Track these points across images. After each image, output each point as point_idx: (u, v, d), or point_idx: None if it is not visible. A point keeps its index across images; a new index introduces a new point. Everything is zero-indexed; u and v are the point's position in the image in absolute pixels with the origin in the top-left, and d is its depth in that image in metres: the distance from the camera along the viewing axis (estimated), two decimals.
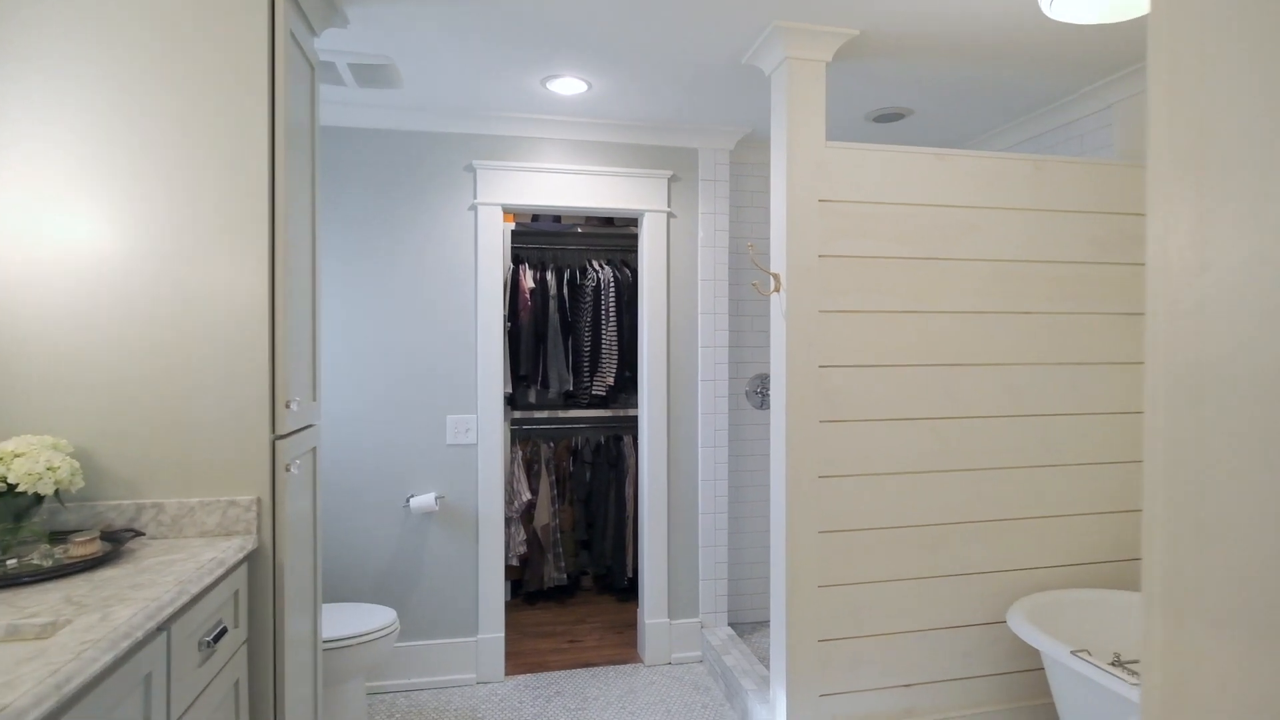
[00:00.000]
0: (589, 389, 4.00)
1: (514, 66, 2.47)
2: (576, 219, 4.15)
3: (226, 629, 1.45)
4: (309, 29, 1.93)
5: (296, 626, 1.79)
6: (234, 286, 1.64)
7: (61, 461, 1.41)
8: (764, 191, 3.46)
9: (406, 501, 2.94)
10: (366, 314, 2.93)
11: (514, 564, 3.89)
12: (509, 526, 3.85)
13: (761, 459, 3.50)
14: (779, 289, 2.28)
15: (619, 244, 4.33)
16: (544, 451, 4.03)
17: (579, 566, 4.24)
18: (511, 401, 4.13)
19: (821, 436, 2.26)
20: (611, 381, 3.95)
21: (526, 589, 3.98)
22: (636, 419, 4.20)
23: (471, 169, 3.00)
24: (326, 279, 2.89)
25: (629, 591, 4.14)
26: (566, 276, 4.03)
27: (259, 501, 1.63)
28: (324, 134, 2.89)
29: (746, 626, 3.46)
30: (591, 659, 3.26)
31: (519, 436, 4.17)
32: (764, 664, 2.95)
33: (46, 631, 1.09)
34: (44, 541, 1.42)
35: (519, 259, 4.06)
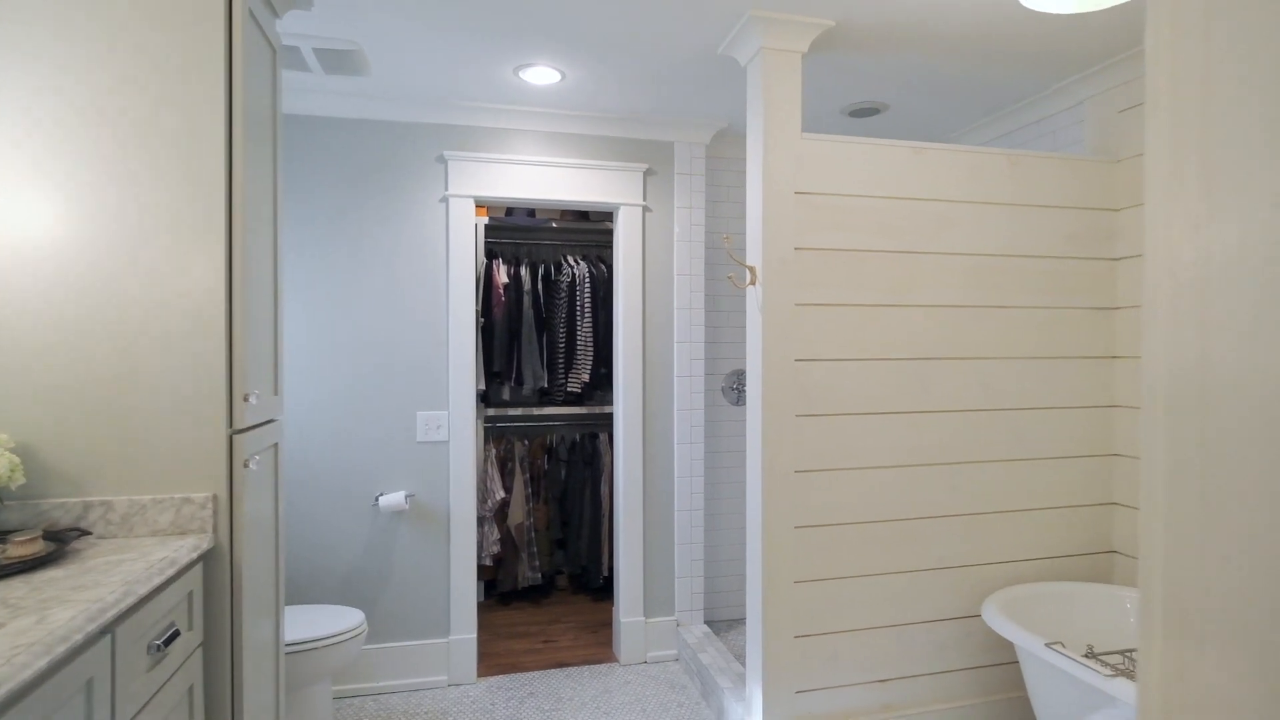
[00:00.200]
0: (564, 386, 3.95)
1: (486, 54, 2.42)
2: (551, 213, 4.10)
3: (179, 632, 1.39)
4: (270, 10, 1.86)
5: (256, 629, 1.72)
6: (189, 276, 1.56)
7: (0, 456, 1.33)
8: (740, 186, 3.44)
9: (376, 500, 2.87)
10: (334, 308, 2.85)
11: (488, 564, 3.83)
12: (482, 526, 3.79)
13: (738, 455, 3.48)
14: (755, 282, 2.25)
15: (594, 239, 4.28)
16: (518, 449, 3.97)
17: (554, 566, 4.18)
18: (485, 399, 4.07)
19: (798, 431, 2.24)
20: (587, 378, 3.90)
21: (500, 589, 3.92)
22: (612, 416, 4.16)
23: (443, 160, 2.93)
24: (292, 271, 2.81)
25: (604, 590, 4.10)
26: (541, 272, 3.97)
27: (215, 499, 1.56)
28: (290, 122, 2.80)
29: (723, 624, 3.44)
30: (566, 659, 3.21)
31: (493, 434, 4.10)
32: (740, 661, 2.93)
33: None
34: None
35: (492, 254, 4.00)
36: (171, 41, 1.55)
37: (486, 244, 4.08)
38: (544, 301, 3.96)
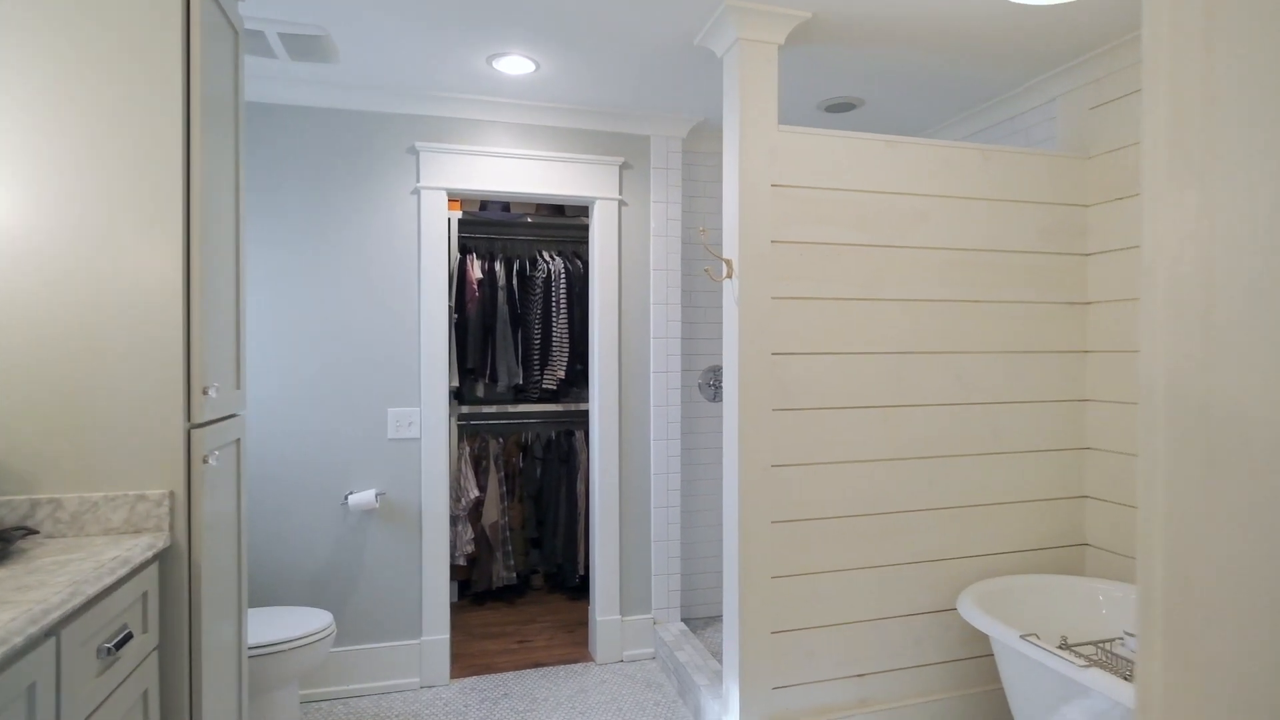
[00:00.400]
0: (539, 383, 3.90)
1: (458, 42, 2.37)
2: (526, 208, 4.05)
3: (132, 634, 1.33)
4: None
5: (217, 631, 1.66)
6: (144, 266, 1.50)
7: None
8: (717, 182, 3.43)
9: (345, 499, 2.80)
10: (303, 302, 2.78)
11: (461, 563, 3.77)
12: (456, 525, 3.73)
13: (714, 452, 3.47)
14: (732, 275, 2.23)
15: (570, 235, 4.24)
16: (493, 447, 3.91)
17: (529, 565, 4.13)
18: (459, 396, 4.01)
19: (775, 425, 2.23)
20: (562, 375, 3.86)
21: (475, 589, 3.86)
22: (588, 413, 4.12)
23: (414, 151, 2.88)
24: (258, 264, 2.74)
25: (580, 589, 4.06)
26: (516, 267, 3.92)
27: (172, 496, 1.50)
28: (257, 111, 2.73)
29: (700, 622, 3.42)
30: (541, 659, 3.17)
31: (467, 432, 4.04)
32: (717, 659, 2.91)
33: None
34: None
35: (466, 249, 3.94)
36: (125, 20, 1.49)
37: (460, 239, 4.02)
38: (519, 297, 3.91)
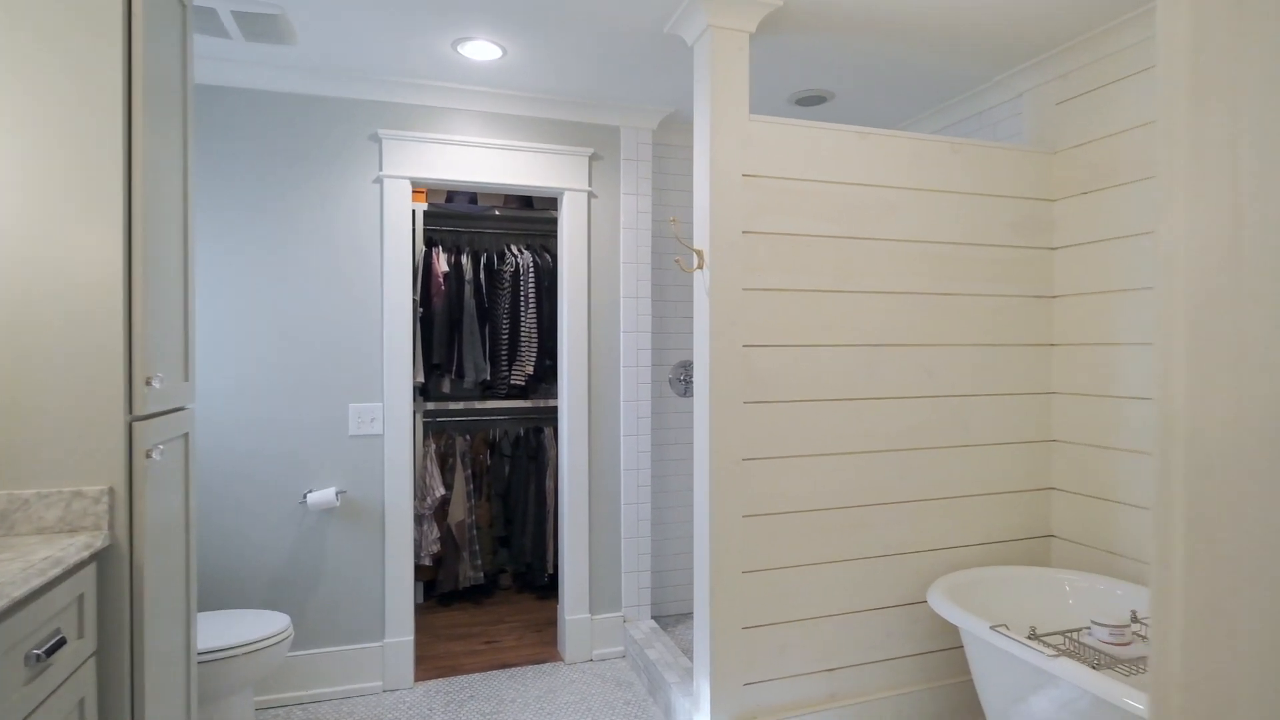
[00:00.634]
0: (507, 379, 3.83)
1: (421, 24, 2.29)
2: (494, 201, 3.97)
3: (66, 640, 1.24)
4: None
5: (162, 636, 1.57)
6: (80, 251, 1.41)
7: None
8: (687, 175, 3.40)
9: (304, 497, 2.70)
10: (260, 293, 2.67)
11: (427, 564, 3.68)
12: (421, 524, 3.64)
13: (685, 447, 3.43)
14: (703, 266, 2.20)
15: (539, 229, 4.17)
16: (459, 445, 3.83)
17: (497, 565, 4.06)
18: (424, 392, 3.92)
19: (746, 418, 2.20)
20: (531, 371, 3.80)
21: (441, 590, 3.77)
22: (557, 410, 4.07)
23: (377, 139, 2.79)
24: (213, 254, 2.63)
25: (550, 588, 4.00)
26: (484, 261, 3.84)
27: (112, 492, 1.41)
28: (211, 94, 2.62)
29: (670, 619, 3.39)
30: (509, 659, 3.10)
31: (432, 429, 3.95)
32: (688, 656, 2.87)
33: None
34: None
35: (432, 242, 3.85)
36: None
37: (426, 231, 3.93)
38: (486, 292, 3.84)
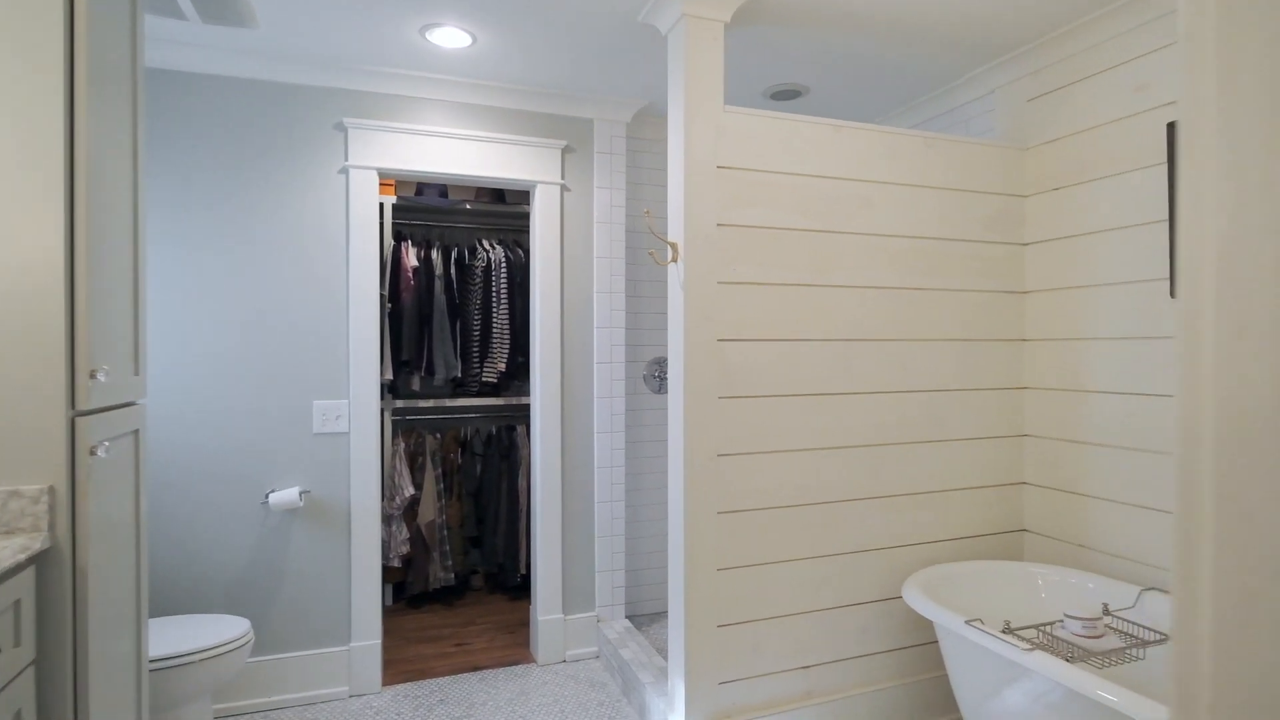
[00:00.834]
0: (479, 376, 3.76)
1: (387, 8, 2.22)
2: (465, 194, 3.90)
3: (0, 648, 1.16)
4: None
5: (109, 643, 1.49)
6: (17, 235, 1.33)
7: None
8: (662, 169, 3.36)
9: (266, 497, 2.61)
10: (220, 286, 2.58)
11: (396, 565, 3.60)
12: (390, 525, 3.56)
13: (660, 445, 3.40)
14: (677, 259, 2.17)
15: (512, 223, 4.11)
16: (429, 443, 3.75)
17: (468, 565, 3.99)
18: (394, 390, 3.83)
19: (720, 413, 2.17)
20: (503, 367, 3.73)
21: (410, 592, 3.69)
22: (530, 408, 4.00)
23: (342, 128, 2.71)
24: (170, 246, 2.52)
25: (522, 589, 3.94)
26: (454, 256, 3.77)
27: (52, 492, 1.34)
28: (169, 79, 2.52)
29: (645, 618, 3.35)
30: (480, 662, 3.04)
31: (402, 427, 3.87)
32: (663, 655, 2.84)
33: None
34: None
35: (401, 236, 3.77)
36: None
37: (395, 225, 3.84)
38: (457, 287, 3.76)
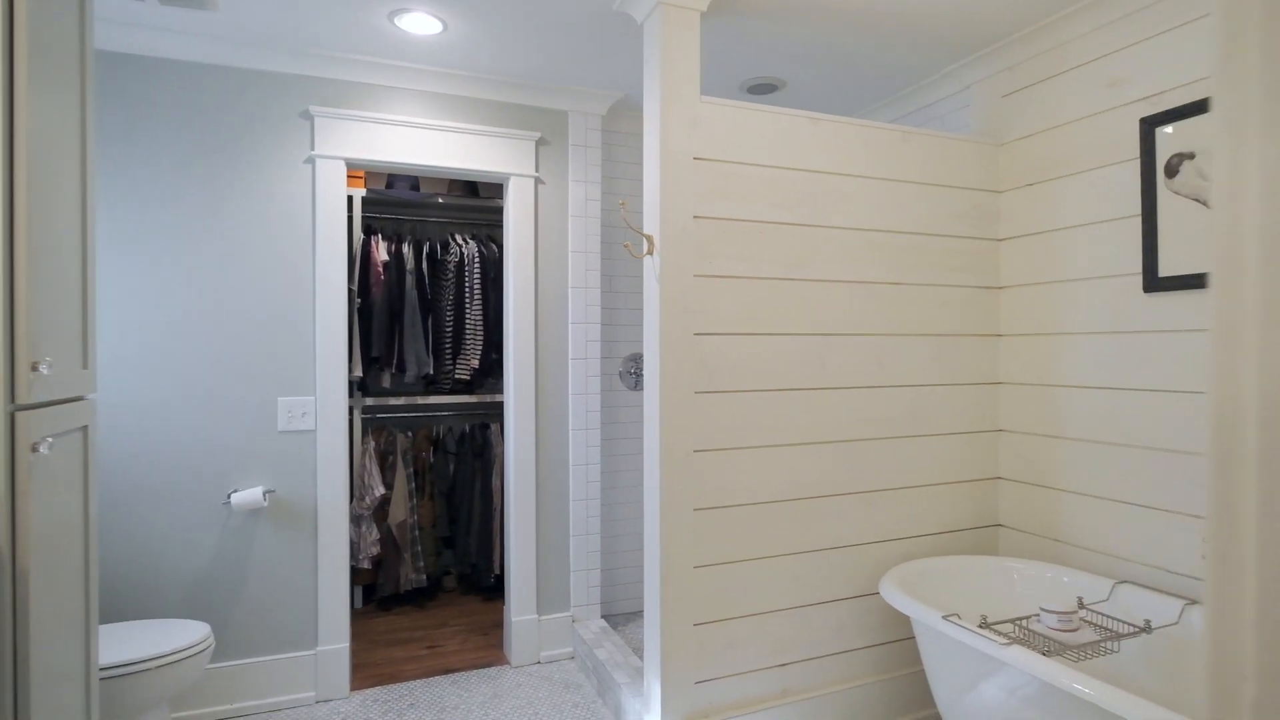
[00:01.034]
0: (452, 373, 3.69)
1: None
2: (438, 187, 3.82)
3: None
4: None
5: (54, 651, 1.41)
6: None
7: None
8: (637, 163, 3.32)
9: (228, 497, 2.53)
10: (179, 278, 2.48)
11: (366, 566, 3.51)
12: (359, 525, 3.48)
13: (636, 442, 3.36)
14: (653, 251, 2.13)
15: (485, 218, 4.04)
16: (401, 442, 3.67)
17: (441, 566, 3.91)
18: (364, 387, 3.75)
19: (697, 408, 2.14)
20: (476, 364, 3.67)
21: (381, 593, 3.61)
22: (504, 405, 3.94)
23: (309, 116, 2.63)
24: (127, 234, 2.43)
25: (496, 590, 3.88)
26: (426, 250, 3.69)
27: None
28: (124, 63, 2.42)
29: (621, 618, 3.31)
30: (453, 664, 2.97)
31: (372, 425, 3.78)
32: (639, 655, 2.80)
33: None
34: None
35: (371, 229, 3.68)
36: None
37: (365, 218, 3.76)
38: (430, 282, 3.69)
